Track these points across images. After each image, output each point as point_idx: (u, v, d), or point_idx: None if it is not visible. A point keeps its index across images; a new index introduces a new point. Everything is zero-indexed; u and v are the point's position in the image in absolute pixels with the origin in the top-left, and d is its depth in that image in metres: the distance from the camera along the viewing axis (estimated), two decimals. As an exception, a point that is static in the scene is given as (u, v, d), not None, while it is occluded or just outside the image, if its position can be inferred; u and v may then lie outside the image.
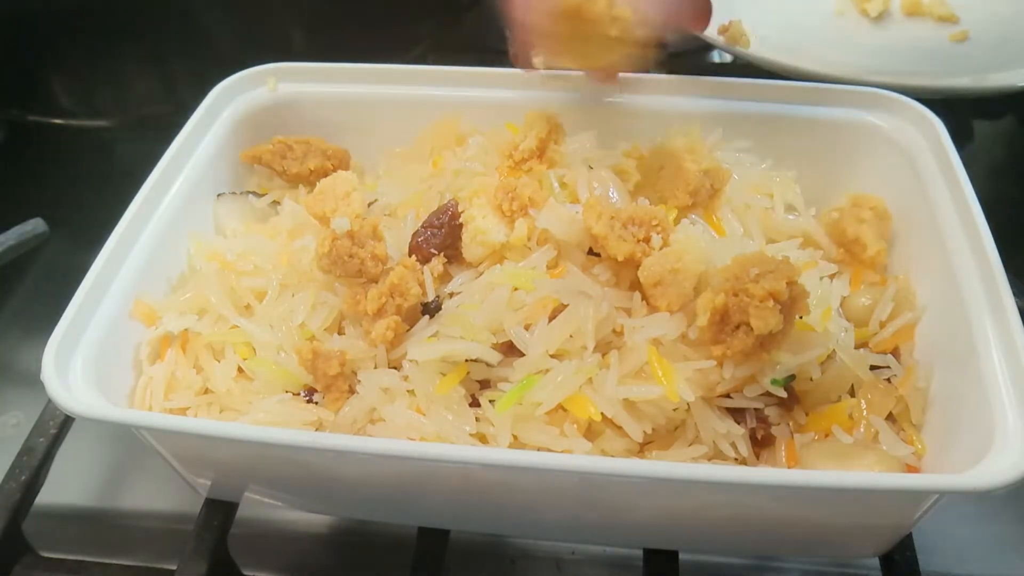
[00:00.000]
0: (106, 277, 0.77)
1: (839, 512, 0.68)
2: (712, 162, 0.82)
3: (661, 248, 0.73)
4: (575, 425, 0.70)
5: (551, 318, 0.71)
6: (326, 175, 0.90)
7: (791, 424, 0.72)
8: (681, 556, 0.75)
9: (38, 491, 0.84)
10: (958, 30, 1.33)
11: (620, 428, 0.70)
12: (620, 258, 0.72)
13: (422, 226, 0.79)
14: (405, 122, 0.95)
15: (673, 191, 0.81)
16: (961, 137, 0.84)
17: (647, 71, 0.88)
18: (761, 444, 0.72)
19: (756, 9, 1.39)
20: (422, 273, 0.76)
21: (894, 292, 0.79)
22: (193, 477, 0.78)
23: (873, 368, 0.76)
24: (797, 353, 0.70)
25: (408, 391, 0.72)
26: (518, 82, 0.94)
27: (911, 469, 0.71)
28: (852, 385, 0.75)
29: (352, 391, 0.74)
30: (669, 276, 0.71)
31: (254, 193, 0.92)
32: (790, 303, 0.67)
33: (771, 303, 0.65)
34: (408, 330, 0.74)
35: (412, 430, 0.70)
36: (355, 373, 0.74)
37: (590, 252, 0.76)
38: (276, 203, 0.91)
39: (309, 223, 0.83)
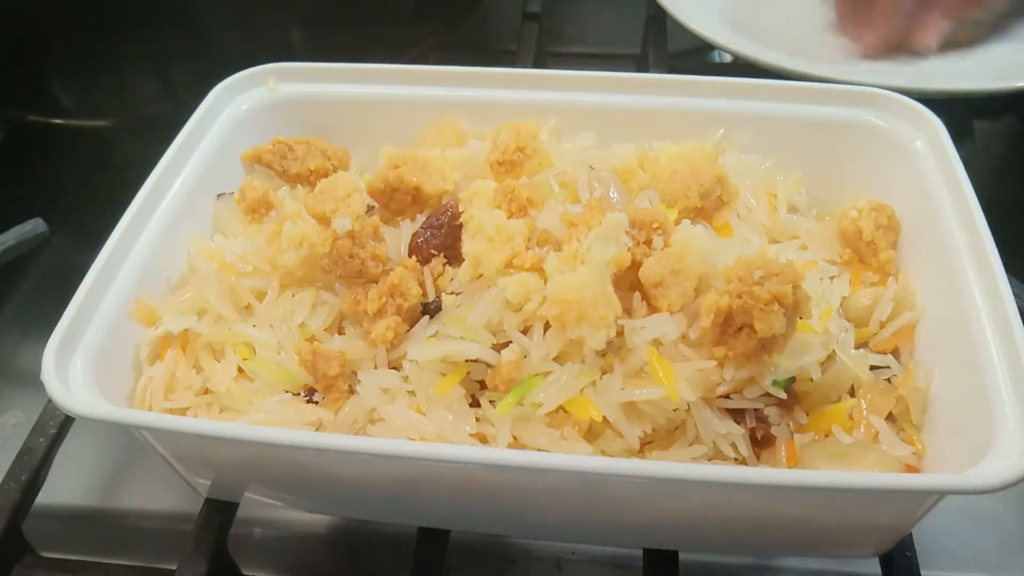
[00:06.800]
0: (106, 277, 0.77)
1: (839, 512, 0.68)
2: (724, 173, 0.83)
3: (663, 248, 0.73)
4: (575, 428, 0.70)
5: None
6: (326, 175, 0.90)
7: (791, 424, 0.72)
8: (681, 556, 0.76)
9: (38, 491, 0.84)
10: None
11: (620, 428, 0.70)
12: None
13: (422, 226, 0.79)
14: (405, 122, 0.95)
15: (685, 191, 0.81)
16: (961, 137, 0.84)
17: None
18: (761, 444, 0.72)
19: (756, 9, 1.40)
20: (422, 273, 0.76)
21: (894, 292, 0.79)
22: (193, 477, 0.78)
23: (873, 368, 0.76)
24: (798, 355, 0.70)
25: (408, 391, 0.72)
26: (518, 82, 0.94)
27: (911, 469, 0.71)
28: (852, 385, 0.75)
29: (352, 391, 0.74)
30: (670, 276, 0.71)
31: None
32: (793, 306, 0.67)
33: (776, 306, 0.66)
34: (408, 330, 0.74)
35: (412, 430, 0.70)
36: (355, 373, 0.74)
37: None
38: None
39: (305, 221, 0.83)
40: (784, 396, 0.70)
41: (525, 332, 0.71)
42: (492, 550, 0.89)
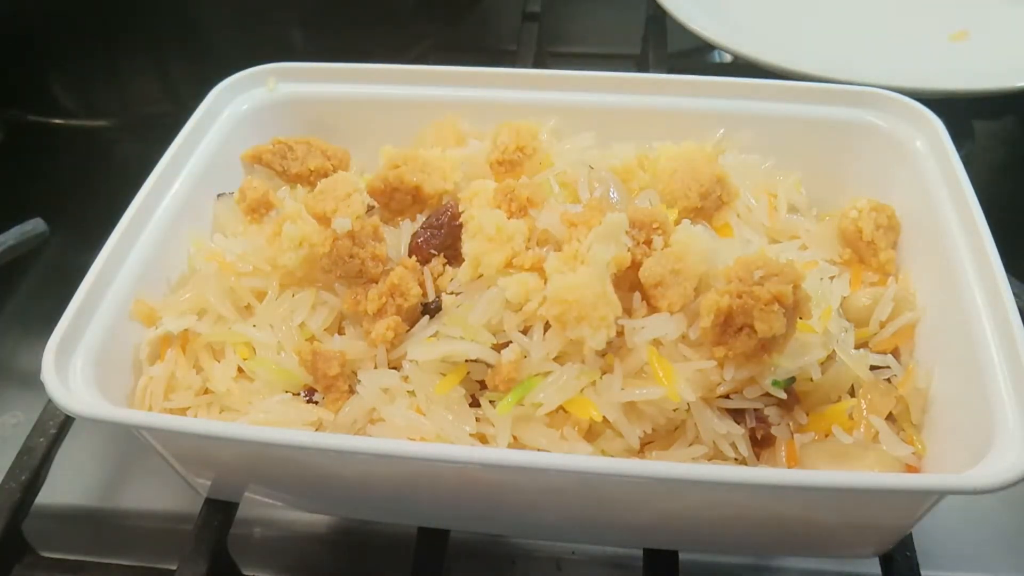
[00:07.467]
0: (106, 277, 0.77)
1: (839, 512, 0.68)
2: (724, 173, 0.83)
3: (663, 248, 0.73)
4: (575, 428, 0.70)
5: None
6: (326, 175, 0.90)
7: (791, 424, 0.72)
8: (681, 556, 0.76)
9: (38, 491, 0.84)
10: (958, 30, 1.33)
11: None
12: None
13: (422, 226, 0.79)
14: (405, 122, 0.95)
15: (685, 191, 0.82)
16: (961, 137, 0.85)
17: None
18: (761, 444, 0.72)
19: (756, 9, 1.40)
20: (422, 273, 0.76)
21: (894, 292, 0.79)
22: (193, 477, 0.78)
23: (873, 368, 0.76)
24: (798, 355, 0.70)
25: (408, 391, 0.72)
26: (518, 82, 0.94)
27: (911, 469, 0.71)
28: (852, 385, 0.75)
29: (352, 391, 0.74)
30: (670, 277, 0.71)
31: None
32: (793, 306, 0.67)
33: (776, 307, 0.65)
34: (408, 330, 0.74)
35: (412, 430, 0.70)
36: (355, 373, 0.74)
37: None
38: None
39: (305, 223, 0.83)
40: (784, 396, 0.70)
41: (525, 332, 0.71)
42: (492, 550, 0.89)
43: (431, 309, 0.75)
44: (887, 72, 1.14)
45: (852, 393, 0.75)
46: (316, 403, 0.75)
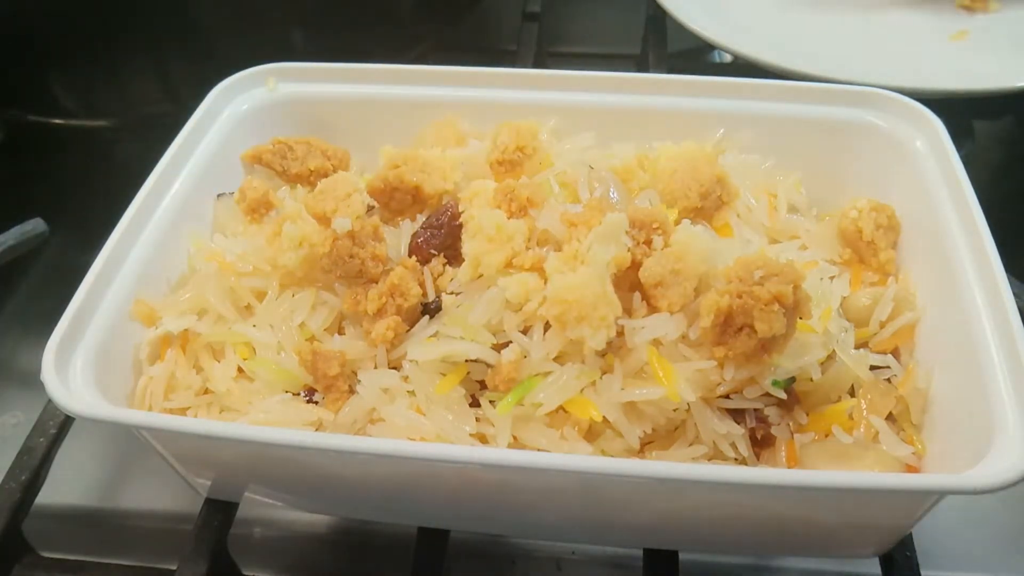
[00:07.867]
0: (106, 277, 0.77)
1: (839, 512, 0.68)
2: (724, 173, 0.83)
3: (663, 248, 0.73)
4: (575, 428, 0.70)
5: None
6: (326, 175, 0.90)
7: (791, 424, 0.72)
8: (681, 556, 0.76)
9: (38, 491, 0.84)
10: (958, 30, 1.33)
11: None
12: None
13: (422, 226, 0.79)
14: (405, 122, 0.95)
15: (685, 191, 0.82)
16: (961, 137, 0.85)
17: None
18: (761, 444, 0.72)
19: (756, 9, 1.40)
20: (422, 273, 0.76)
21: (894, 292, 0.79)
22: (193, 477, 0.78)
23: (873, 368, 0.76)
24: (798, 355, 0.70)
25: (408, 391, 0.72)
26: (518, 82, 0.94)
27: (911, 469, 0.71)
28: (852, 385, 0.75)
29: (352, 391, 0.74)
30: (670, 277, 0.71)
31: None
32: (793, 306, 0.67)
33: (776, 306, 0.65)
34: (408, 330, 0.74)
35: (412, 430, 0.70)
36: (355, 373, 0.74)
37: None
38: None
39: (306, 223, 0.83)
40: (784, 396, 0.70)
41: (525, 332, 0.71)
42: (492, 550, 0.89)
43: (431, 309, 0.75)
44: (887, 72, 1.14)
45: (852, 393, 0.75)
46: (316, 403, 0.75)
